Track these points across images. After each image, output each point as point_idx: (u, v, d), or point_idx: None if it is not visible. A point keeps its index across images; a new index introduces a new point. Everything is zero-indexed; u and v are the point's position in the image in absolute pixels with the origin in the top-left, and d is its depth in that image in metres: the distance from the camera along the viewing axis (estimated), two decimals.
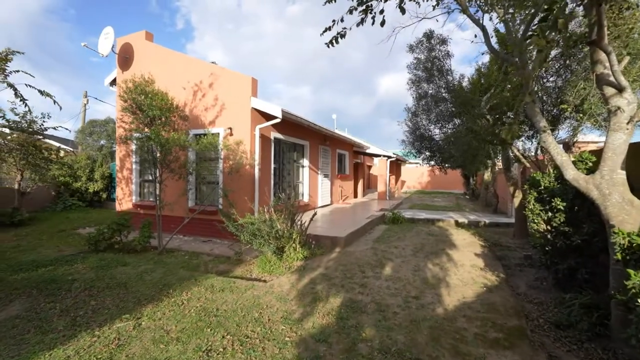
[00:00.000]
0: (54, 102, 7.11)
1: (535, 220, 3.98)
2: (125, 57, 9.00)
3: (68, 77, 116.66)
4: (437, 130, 6.10)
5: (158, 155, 6.25)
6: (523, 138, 5.78)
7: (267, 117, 7.46)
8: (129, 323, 3.26)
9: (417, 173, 27.62)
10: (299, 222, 5.71)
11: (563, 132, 5.54)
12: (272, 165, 8.18)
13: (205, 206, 7.71)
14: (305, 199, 10.39)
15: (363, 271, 4.73)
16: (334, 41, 3.31)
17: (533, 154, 5.39)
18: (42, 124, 8.85)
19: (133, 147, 8.42)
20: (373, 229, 8.31)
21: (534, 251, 5.52)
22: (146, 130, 6.18)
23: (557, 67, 4.83)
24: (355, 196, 16.89)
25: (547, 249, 4.00)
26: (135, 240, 6.48)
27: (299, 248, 5.51)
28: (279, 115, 7.02)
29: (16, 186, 9.12)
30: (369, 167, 24.59)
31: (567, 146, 5.43)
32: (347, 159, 14.97)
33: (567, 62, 4.63)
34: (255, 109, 7.34)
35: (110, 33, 8.49)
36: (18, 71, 6.84)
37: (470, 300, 3.75)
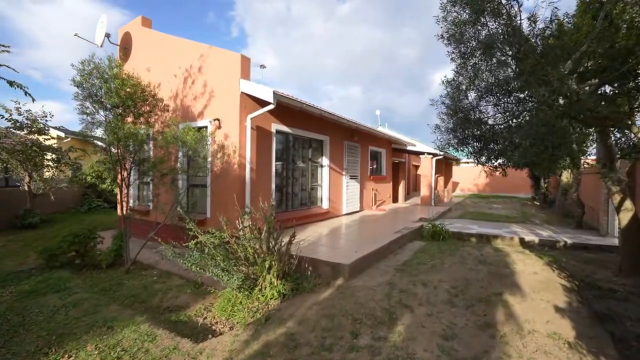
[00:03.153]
0: (26, 93, 6.38)
1: None
2: (125, 48, 8.25)
3: None
4: (489, 109, 3.99)
5: (117, 151, 5.15)
6: None
7: (263, 104, 5.96)
8: None
9: (473, 173, 24.03)
10: (279, 244, 4.07)
11: None
12: (274, 165, 6.66)
13: (191, 214, 6.50)
14: (325, 205, 8.70)
15: (356, 333, 2.92)
16: None
17: None
18: (45, 123, 8.49)
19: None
20: (402, 247, 6.32)
21: None
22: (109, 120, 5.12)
23: None
24: (395, 201, 14.69)
25: None
26: (101, 255, 5.45)
27: (276, 282, 3.87)
28: (271, 99, 5.46)
29: (26, 188, 8.90)
30: (416, 167, 21.91)
31: None
32: (383, 157, 12.94)
33: None
34: (247, 95, 5.88)
35: (105, 22, 7.75)
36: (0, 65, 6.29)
37: None
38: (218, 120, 6.03)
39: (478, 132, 4.12)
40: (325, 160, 8.73)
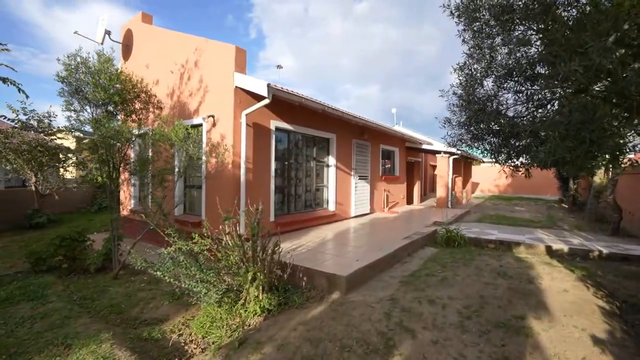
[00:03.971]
0: (19, 90, 6.25)
1: None
2: (127, 46, 8.09)
3: None
4: (509, 99, 3.38)
5: (104, 151, 4.89)
6: None
7: (259, 99, 5.55)
8: None
9: (493, 173, 22.75)
10: (266, 252, 3.64)
11: None
12: (273, 164, 6.24)
13: (188, 216, 6.23)
14: (331, 207, 8.21)
15: None
16: None
17: None
18: (50, 123, 8.46)
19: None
20: (412, 255, 5.75)
21: None
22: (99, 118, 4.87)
23: None
24: (410, 202, 13.98)
25: None
26: (89, 259, 5.21)
27: (261, 295, 3.44)
28: (265, 93, 5.04)
29: (33, 188, 8.91)
30: (433, 167, 20.99)
31: None
32: (396, 156, 12.30)
33: None
34: (242, 89, 5.50)
35: (106, 20, 7.60)
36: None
37: None
38: (212, 117, 5.68)
39: (496, 125, 3.52)
40: (331, 160, 8.24)
